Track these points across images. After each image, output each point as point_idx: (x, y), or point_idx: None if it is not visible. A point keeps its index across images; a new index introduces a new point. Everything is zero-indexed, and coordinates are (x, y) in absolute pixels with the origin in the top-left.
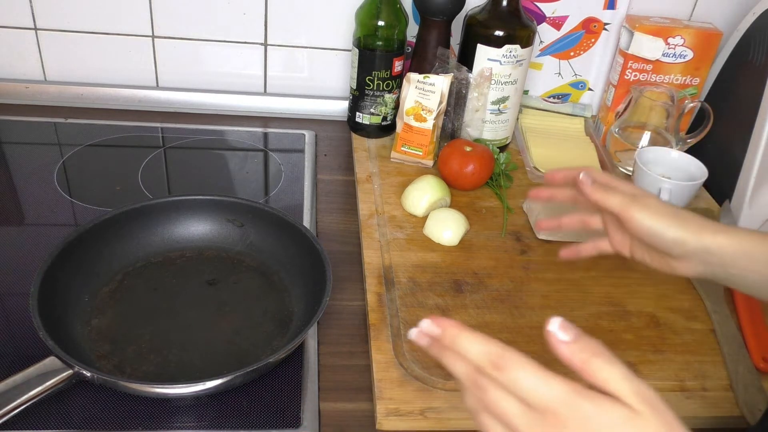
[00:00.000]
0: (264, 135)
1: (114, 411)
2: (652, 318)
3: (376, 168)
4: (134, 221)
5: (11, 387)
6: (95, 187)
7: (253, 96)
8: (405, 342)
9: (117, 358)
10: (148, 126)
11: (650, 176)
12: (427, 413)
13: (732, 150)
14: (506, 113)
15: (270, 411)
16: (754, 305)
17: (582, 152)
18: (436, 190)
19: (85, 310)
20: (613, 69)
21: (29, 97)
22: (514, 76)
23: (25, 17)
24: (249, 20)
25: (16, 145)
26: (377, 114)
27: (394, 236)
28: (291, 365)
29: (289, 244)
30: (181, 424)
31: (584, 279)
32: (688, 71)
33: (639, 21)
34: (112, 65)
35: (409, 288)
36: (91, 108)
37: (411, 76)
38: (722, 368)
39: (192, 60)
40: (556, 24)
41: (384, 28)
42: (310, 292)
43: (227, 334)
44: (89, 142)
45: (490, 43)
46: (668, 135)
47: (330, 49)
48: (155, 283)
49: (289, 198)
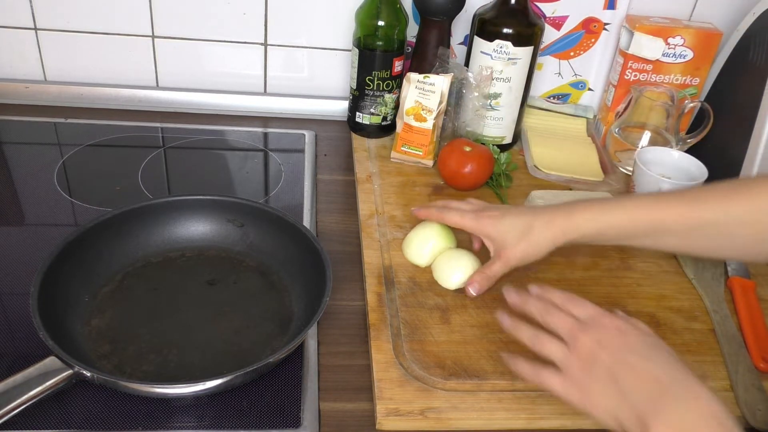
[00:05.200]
0: (264, 135)
1: (114, 411)
2: (652, 318)
3: (376, 168)
4: (134, 221)
5: (11, 387)
6: (95, 187)
7: (253, 96)
8: (405, 342)
9: (117, 358)
10: (148, 126)
11: (650, 176)
12: (427, 413)
13: (732, 150)
14: (499, 110)
15: (270, 411)
16: (754, 305)
17: (582, 152)
18: (440, 238)
19: (85, 310)
20: (613, 69)
21: (29, 97)
22: (506, 74)
23: (25, 17)
24: (249, 20)
25: (16, 145)
26: (377, 114)
27: (394, 236)
28: (291, 365)
29: (289, 244)
30: (181, 424)
31: (584, 279)
32: (688, 71)
33: (639, 21)
34: (112, 65)
35: (409, 288)
36: (91, 108)
37: (411, 76)
38: (722, 368)
39: (192, 60)
40: (556, 24)
41: (384, 28)
42: (310, 292)
43: (227, 334)
44: (89, 142)
45: (483, 35)
46: (668, 135)
47: (330, 49)
48: (155, 283)
49: (289, 198)
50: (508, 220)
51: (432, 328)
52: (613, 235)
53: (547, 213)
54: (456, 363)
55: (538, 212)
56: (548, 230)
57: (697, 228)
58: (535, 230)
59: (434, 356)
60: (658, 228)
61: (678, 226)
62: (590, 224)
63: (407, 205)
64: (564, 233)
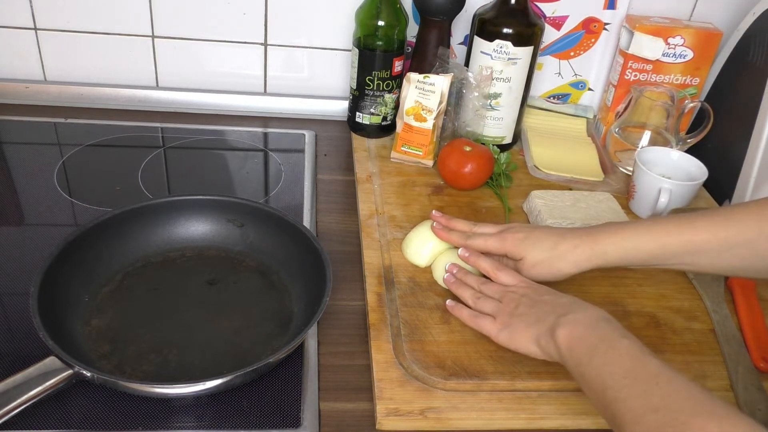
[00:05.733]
0: (264, 135)
1: (114, 411)
2: (652, 318)
3: (376, 168)
4: (134, 221)
5: (11, 387)
6: (95, 187)
7: (253, 96)
8: (405, 342)
9: (117, 358)
10: (148, 126)
11: (650, 176)
12: (427, 413)
13: (732, 150)
14: (499, 110)
15: (270, 411)
16: (754, 305)
17: (582, 152)
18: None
19: (85, 310)
20: (613, 69)
21: (29, 97)
22: (506, 74)
23: (25, 17)
24: (249, 20)
25: (16, 145)
26: (377, 114)
27: (394, 236)
28: (291, 365)
29: (289, 244)
30: (181, 424)
31: (584, 279)
32: (688, 71)
33: (639, 21)
34: (112, 65)
35: (409, 288)
36: (91, 108)
37: (411, 76)
38: (722, 368)
39: (192, 60)
40: (556, 24)
41: (384, 28)
42: (310, 292)
43: (227, 334)
44: (89, 142)
45: (483, 35)
46: (668, 135)
47: (330, 49)
48: (155, 283)
49: (289, 198)
50: (532, 242)
51: (432, 328)
52: (640, 259)
53: (572, 237)
54: (456, 363)
55: (564, 235)
56: (573, 255)
57: (729, 248)
58: (559, 254)
59: (434, 356)
60: (689, 250)
61: (709, 246)
62: (617, 250)
63: (407, 205)
64: (589, 260)
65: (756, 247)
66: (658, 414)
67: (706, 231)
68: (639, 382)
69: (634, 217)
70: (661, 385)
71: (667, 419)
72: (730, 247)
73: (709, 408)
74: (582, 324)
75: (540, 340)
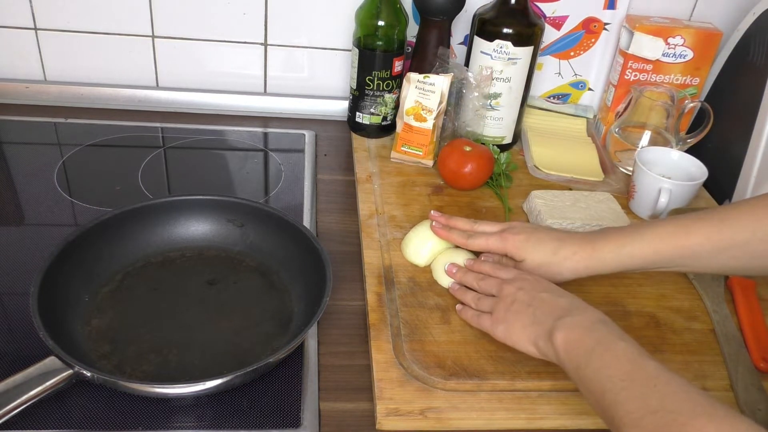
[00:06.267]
0: (264, 135)
1: (114, 411)
2: (652, 318)
3: (376, 168)
4: (134, 221)
5: (11, 387)
6: (95, 187)
7: (253, 96)
8: (405, 342)
9: (117, 358)
10: (148, 126)
11: (650, 176)
12: (427, 413)
13: (732, 150)
14: (499, 111)
15: (270, 411)
16: (754, 305)
17: (582, 152)
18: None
19: (85, 310)
20: (613, 69)
21: (29, 97)
22: (506, 74)
23: (25, 17)
24: (249, 20)
25: (16, 145)
26: (377, 114)
27: (394, 236)
28: (291, 365)
29: (289, 244)
30: (181, 424)
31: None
32: (688, 71)
33: (639, 21)
34: (112, 65)
35: (409, 288)
36: (91, 108)
37: (411, 76)
38: (722, 368)
39: (192, 60)
40: (556, 24)
41: (384, 28)
42: (310, 292)
43: (227, 334)
44: (89, 142)
45: (483, 35)
46: (668, 135)
47: (330, 49)
48: (155, 283)
49: (289, 198)
50: (533, 244)
51: (432, 328)
52: (636, 265)
53: (572, 243)
54: (456, 363)
55: (565, 240)
56: (571, 262)
57: (725, 250)
58: (558, 260)
59: (434, 356)
60: (683, 254)
61: (703, 250)
62: (613, 258)
63: (407, 205)
64: (587, 268)
65: (749, 248)
66: (657, 416)
67: (700, 235)
68: (637, 384)
69: (634, 217)
70: (660, 387)
71: (666, 421)
72: (724, 250)
73: (708, 409)
74: (579, 327)
75: (538, 342)
